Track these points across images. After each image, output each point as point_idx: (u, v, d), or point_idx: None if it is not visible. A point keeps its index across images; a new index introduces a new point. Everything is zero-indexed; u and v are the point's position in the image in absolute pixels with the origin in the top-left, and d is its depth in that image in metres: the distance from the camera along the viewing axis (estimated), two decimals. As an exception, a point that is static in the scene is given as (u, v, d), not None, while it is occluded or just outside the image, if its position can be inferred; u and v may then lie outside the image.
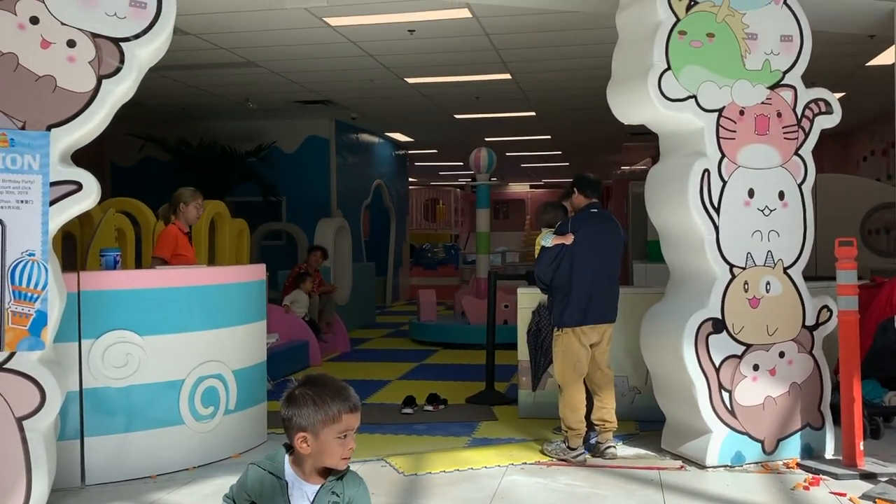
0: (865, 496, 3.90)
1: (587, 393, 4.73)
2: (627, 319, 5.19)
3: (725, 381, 4.41)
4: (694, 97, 4.36)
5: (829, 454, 4.57)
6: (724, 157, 4.41)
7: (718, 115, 4.40)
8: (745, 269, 4.44)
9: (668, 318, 4.56)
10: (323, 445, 2.05)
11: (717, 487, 4.15)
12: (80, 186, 3.54)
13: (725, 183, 4.40)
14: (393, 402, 6.31)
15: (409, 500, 3.98)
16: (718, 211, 4.38)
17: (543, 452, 4.77)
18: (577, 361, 4.62)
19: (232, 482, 2.23)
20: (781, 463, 4.49)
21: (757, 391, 4.46)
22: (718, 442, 4.40)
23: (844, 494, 3.95)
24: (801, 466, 4.42)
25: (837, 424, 4.52)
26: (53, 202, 3.50)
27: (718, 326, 4.38)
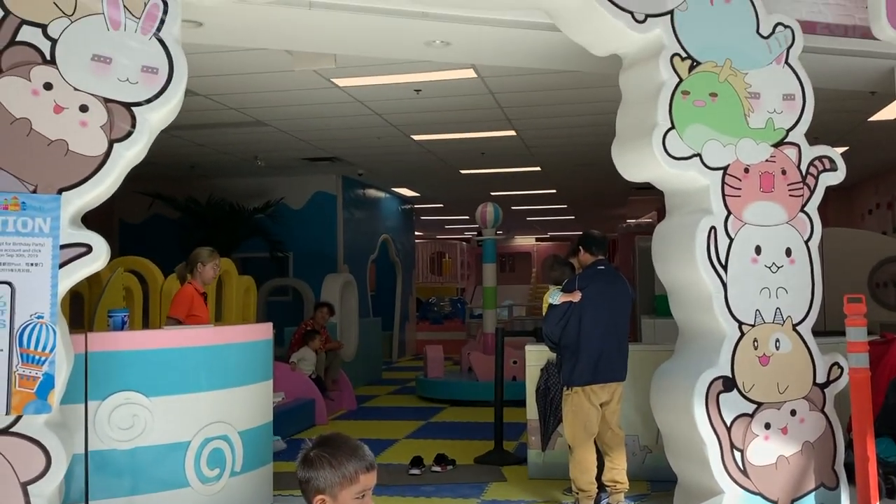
0: (883, 559, 3.82)
1: (598, 453, 4.68)
2: (637, 377, 5.15)
3: (737, 440, 4.35)
4: (698, 155, 4.39)
5: (844, 515, 4.49)
6: (730, 214, 4.42)
7: (723, 172, 4.43)
8: (754, 326, 4.41)
9: (678, 376, 4.53)
10: None
11: (731, 550, 4.07)
12: (89, 249, 3.56)
13: (732, 240, 4.40)
14: (400, 462, 6.24)
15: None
16: (726, 268, 4.38)
17: (554, 514, 4.70)
18: (587, 421, 4.58)
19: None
20: (796, 524, 4.41)
21: (769, 450, 4.40)
22: (732, 503, 4.33)
23: (862, 557, 3.87)
24: (816, 528, 4.34)
25: (852, 484, 4.44)
26: (63, 265, 3.51)
27: (729, 385, 4.34)
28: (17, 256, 3.43)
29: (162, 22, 3.72)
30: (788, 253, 4.48)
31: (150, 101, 3.68)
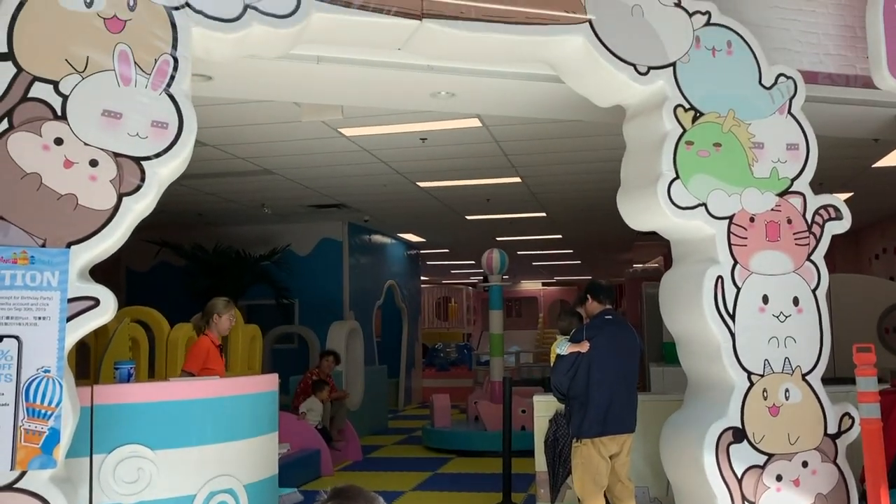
0: None
1: (607, 505, 4.62)
2: (647, 428, 5.10)
3: (748, 492, 4.29)
4: (704, 205, 4.41)
5: (860, 569, 4.40)
6: (736, 263, 4.42)
7: (729, 222, 4.44)
8: (763, 376, 4.38)
9: (687, 427, 4.48)
10: None
11: None
12: (97, 302, 3.56)
13: (739, 289, 4.40)
14: (407, 514, 6.17)
15: None
16: (734, 317, 4.37)
17: (563, 569, 4.63)
18: (596, 473, 4.53)
19: None
20: (811, 579, 4.32)
21: (781, 503, 4.33)
22: (744, 557, 4.25)
23: None
24: (832, 583, 4.25)
25: (867, 537, 4.37)
26: (70, 318, 3.51)
27: (739, 436, 4.30)
28: (24, 310, 3.44)
29: (172, 78, 3.77)
30: (796, 302, 4.47)
31: (159, 155, 3.71)
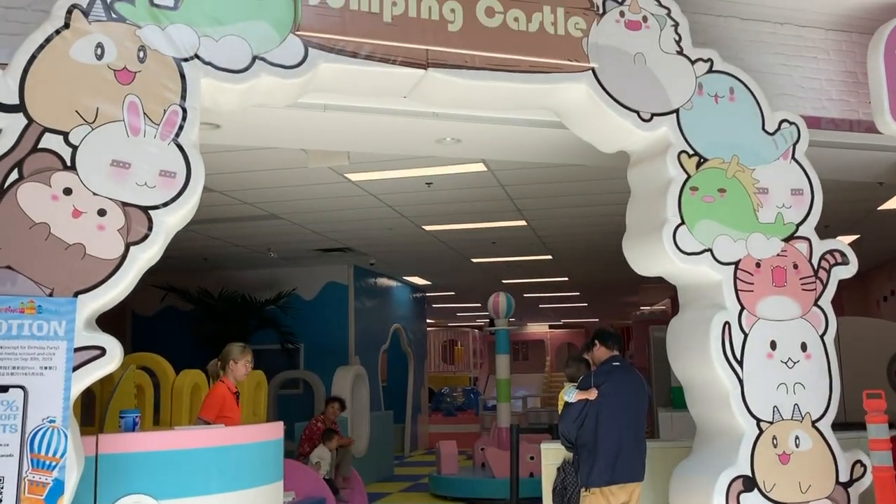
0: None
1: (616, 556, 4.54)
2: (656, 475, 5.03)
3: (761, 542, 4.22)
4: (709, 250, 4.42)
5: None
6: (743, 309, 4.41)
7: (735, 267, 4.44)
8: (772, 423, 4.34)
9: (696, 475, 4.43)
10: None
11: None
12: (103, 352, 3.56)
13: (747, 335, 4.38)
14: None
15: None
16: (741, 364, 4.34)
17: None
18: (605, 523, 4.47)
19: None
20: None
21: (795, 553, 4.26)
22: None
23: None
24: None
25: (883, 588, 4.28)
26: (77, 368, 3.51)
27: (749, 484, 4.24)
28: (31, 360, 3.43)
29: (181, 128, 3.81)
30: (804, 348, 4.44)
31: (166, 204, 3.74)
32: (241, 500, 4.60)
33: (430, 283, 16.29)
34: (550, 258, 12.96)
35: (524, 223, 10.05)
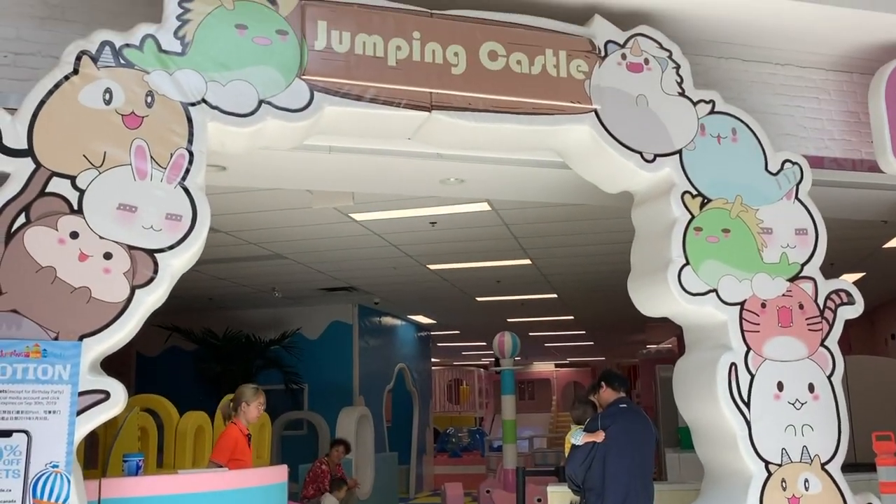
0: None
1: None
2: (663, 518, 4.98)
3: (772, 587, 4.15)
4: (715, 291, 4.41)
5: None
6: (749, 349, 4.38)
7: (741, 308, 4.43)
8: (781, 465, 4.29)
9: (705, 519, 4.37)
10: None
11: None
12: (107, 395, 3.55)
13: (753, 376, 4.35)
14: None
15: None
16: (749, 405, 4.30)
17: None
18: (612, 567, 4.40)
19: None
20: None
21: None
22: None
23: None
24: None
25: None
26: (81, 412, 3.49)
27: (759, 528, 4.18)
28: (35, 404, 3.42)
29: (187, 171, 3.84)
30: (812, 389, 4.41)
31: (172, 247, 3.75)
32: (244, 545, 4.55)
33: (434, 321, 16.24)
34: (556, 297, 12.93)
35: (529, 262, 10.05)
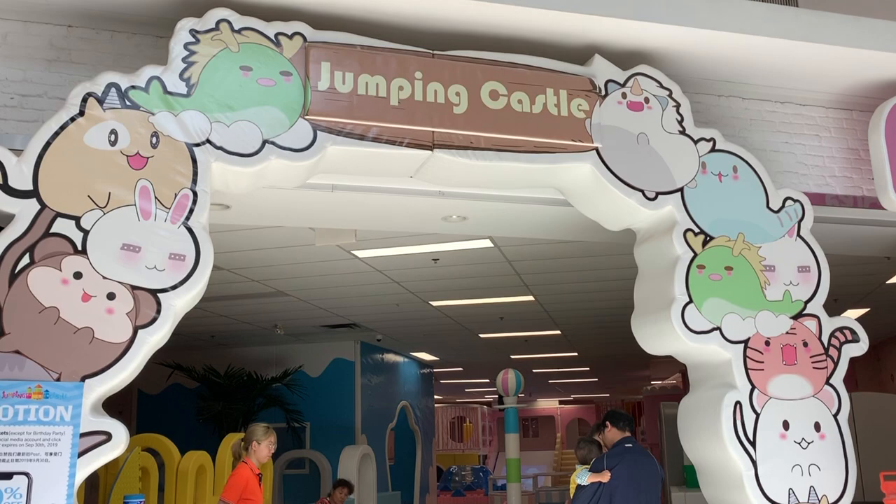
0: None
1: None
2: (669, 560, 4.91)
3: None
4: (718, 329, 4.39)
5: None
6: (754, 388, 4.35)
7: (744, 346, 4.40)
8: (789, 506, 4.24)
9: (712, 561, 4.31)
10: None
11: None
12: (109, 437, 3.53)
13: (758, 415, 4.31)
14: None
15: None
16: (754, 444, 4.26)
17: None
18: None
19: None
20: None
21: None
22: None
23: None
24: None
25: None
26: (82, 453, 3.47)
27: (767, 570, 4.12)
28: (36, 446, 3.40)
29: (191, 211, 3.85)
30: (818, 428, 4.37)
31: (175, 287, 3.75)
32: (245, 588, 4.49)
33: (437, 358, 16.17)
34: (559, 333, 12.89)
35: (532, 298, 10.04)
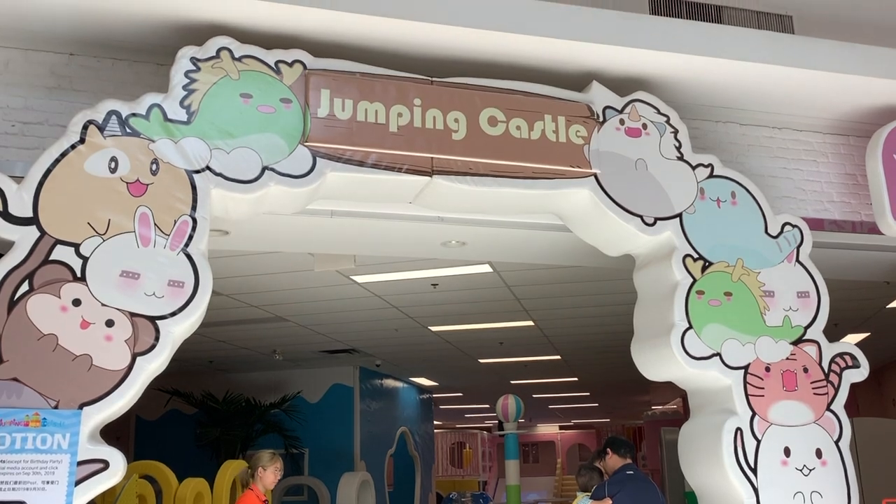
0: None
1: None
2: (671, 588, 4.86)
3: None
4: (718, 355, 4.38)
5: None
6: (755, 414, 4.33)
7: (745, 372, 4.39)
8: (791, 533, 4.20)
9: (715, 590, 4.27)
10: None
11: None
12: (106, 465, 3.51)
13: (759, 441, 4.29)
14: None
15: None
16: (755, 471, 4.23)
17: None
18: None
19: None
20: None
21: None
22: None
23: None
24: None
25: None
26: (79, 482, 3.44)
27: None
28: (33, 474, 3.38)
29: (190, 237, 3.85)
30: (819, 454, 4.34)
31: (174, 314, 3.74)
32: None
33: (436, 383, 16.11)
34: (559, 358, 12.85)
35: (531, 323, 10.02)
